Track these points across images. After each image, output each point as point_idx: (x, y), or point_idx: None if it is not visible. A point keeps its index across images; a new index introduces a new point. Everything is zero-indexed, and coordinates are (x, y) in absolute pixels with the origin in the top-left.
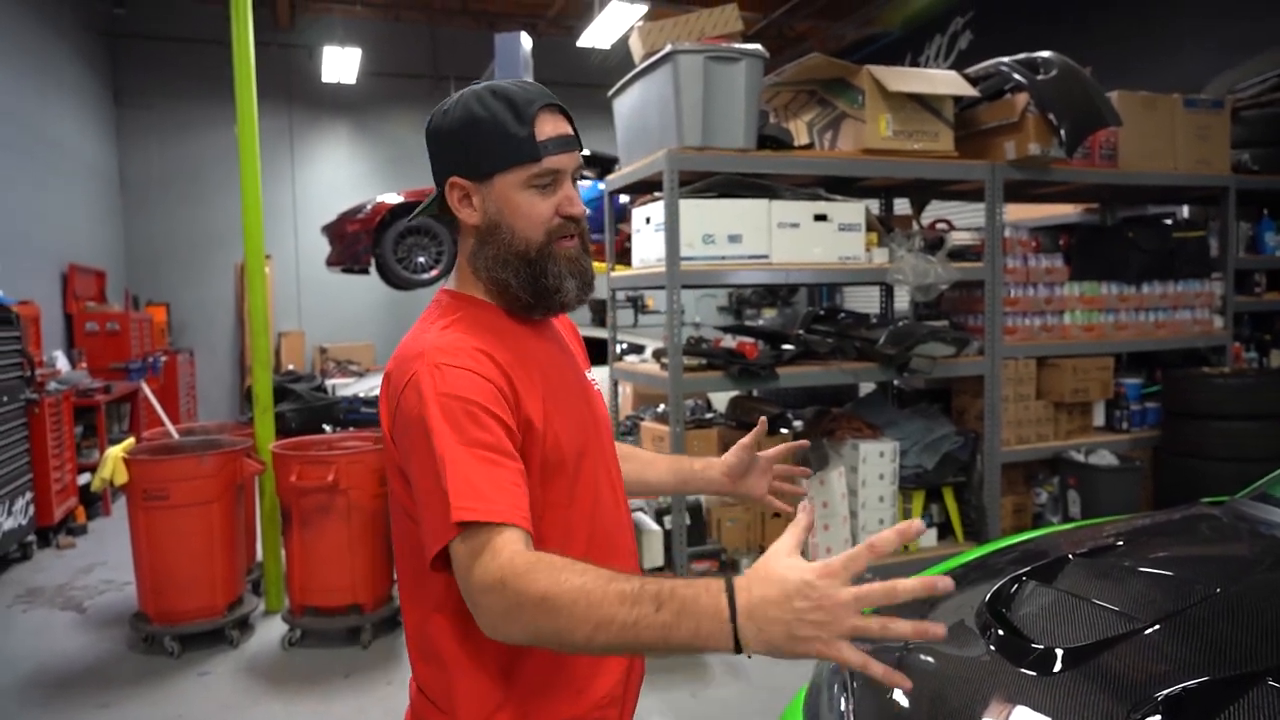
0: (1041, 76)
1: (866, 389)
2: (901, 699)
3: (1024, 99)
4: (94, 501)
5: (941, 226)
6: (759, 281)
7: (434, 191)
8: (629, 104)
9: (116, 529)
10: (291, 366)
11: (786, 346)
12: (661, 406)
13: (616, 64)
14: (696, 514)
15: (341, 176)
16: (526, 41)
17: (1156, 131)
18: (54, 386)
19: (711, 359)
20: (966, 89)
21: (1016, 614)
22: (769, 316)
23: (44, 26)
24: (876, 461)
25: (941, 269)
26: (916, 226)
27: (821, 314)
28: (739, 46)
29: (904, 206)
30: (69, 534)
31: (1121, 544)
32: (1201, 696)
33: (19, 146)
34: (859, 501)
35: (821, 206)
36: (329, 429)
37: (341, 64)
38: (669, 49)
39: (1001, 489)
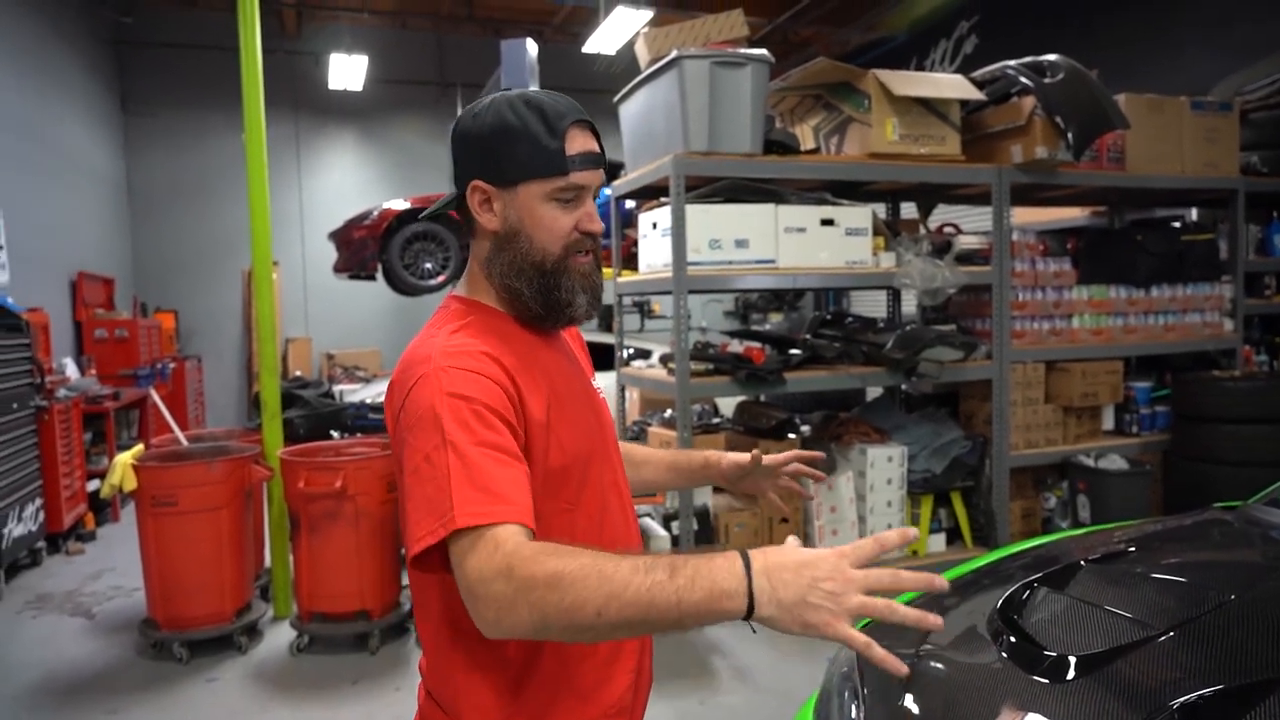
0: (1048, 80)
1: (874, 393)
2: (913, 706)
3: (1030, 102)
4: (103, 508)
5: (949, 230)
6: (766, 286)
7: (444, 196)
8: (635, 109)
9: (125, 535)
10: (299, 373)
11: (794, 351)
12: (669, 412)
13: (622, 70)
14: (704, 519)
15: (348, 183)
16: (532, 48)
17: (1164, 134)
18: (63, 393)
19: (718, 364)
20: (973, 92)
21: (1028, 621)
22: (775, 321)
23: (52, 35)
24: (884, 466)
25: (949, 273)
26: (923, 230)
27: (828, 318)
28: (744, 52)
29: (911, 210)
30: (78, 540)
31: (1133, 550)
32: (1216, 705)
33: (28, 156)
34: (867, 506)
35: (828, 211)
36: (337, 435)
37: (348, 71)
38: (674, 54)
39: (1010, 494)
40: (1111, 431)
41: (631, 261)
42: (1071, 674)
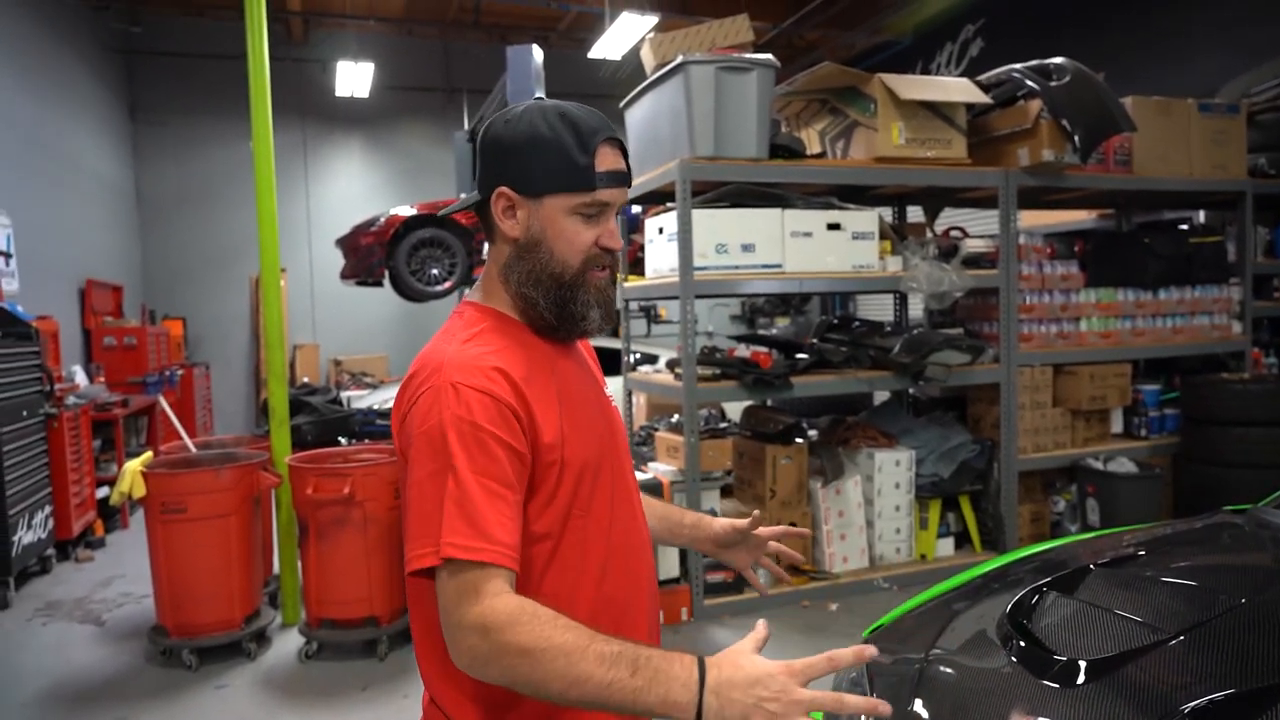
0: (1054, 83)
1: (881, 397)
2: (923, 711)
3: (1037, 105)
4: (112, 515)
5: (955, 234)
6: (772, 291)
7: (456, 199)
8: (641, 115)
9: (134, 542)
10: (306, 379)
11: (801, 355)
12: (676, 416)
13: (627, 75)
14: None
15: (355, 190)
16: (538, 54)
17: (1171, 136)
18: (73, 401)
19: (725, 369)
20: (979, 96)
21: (1038, 625)
22: (782, 325)
23: (61, 46)
24: (892, 470)
25: (955, 276)
26: (930, 234)
27: (835, 323)
28: (750, 56)
29: (917, 214)
30: (88, 547)
31: (1143, 553)
32: (1228, 709)
33: (37, 164)
34: (875, 511)
35: (834, 215)
36: (344, 441)
37: (355, 78)
38: (680, 60)
39: (1019, 497)
40: (1120, 435)
41: (638, 267)
42: (1081, 678)
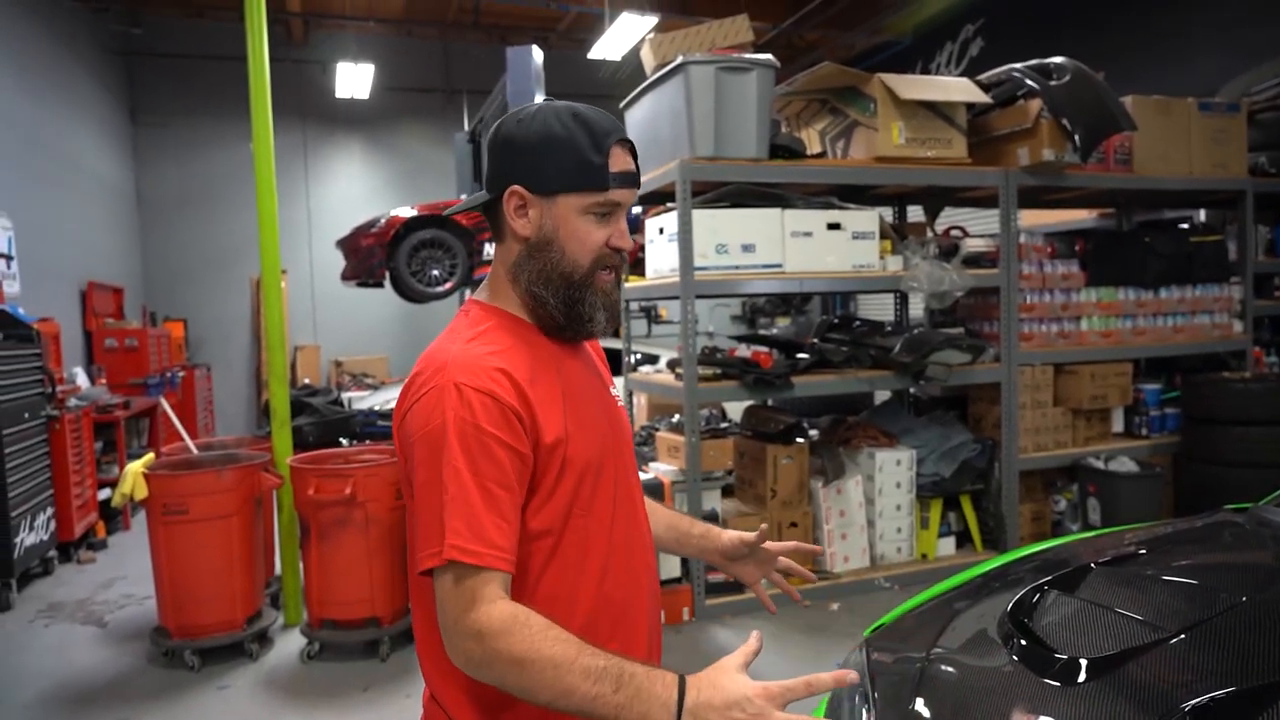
0: (1054, 82)
1: (882, 397)
2: (924, 710)
3: (1037, 105)
4: (114, 516)
5: (956, 233)
6: (773, 291)
7: (455, 202)
8: (641, 115)
9: (136, 544)
10: (307, 380)
11: (801, 355)
12: (676, 416)
13: (627, 76)
14: (712, 524)
15: (356, 191)
16: (538, 54)
17: (1171, 136)
18: (74, 403)
19: (726, 369)
20: (979, 95)
21: (1039, 624)
22: (783, 325)
23: (61, 48)
24: (893, 470)
25: (956, 276)
26: (930, 234)
27: (836, 322)
28: (750, 57)
29: (917, 214)
30: (89, 549)
31: (1144, 552)
32: (1229, 707)
33: (38, 167)
34: (876, 510)
35: (835, 215)
36: (346, 442)
37: (355, 79)
38: (680, 60)
39: (1020, 496)
40: (1121, 434)
41: (638, 267)
42: (1083, 677)
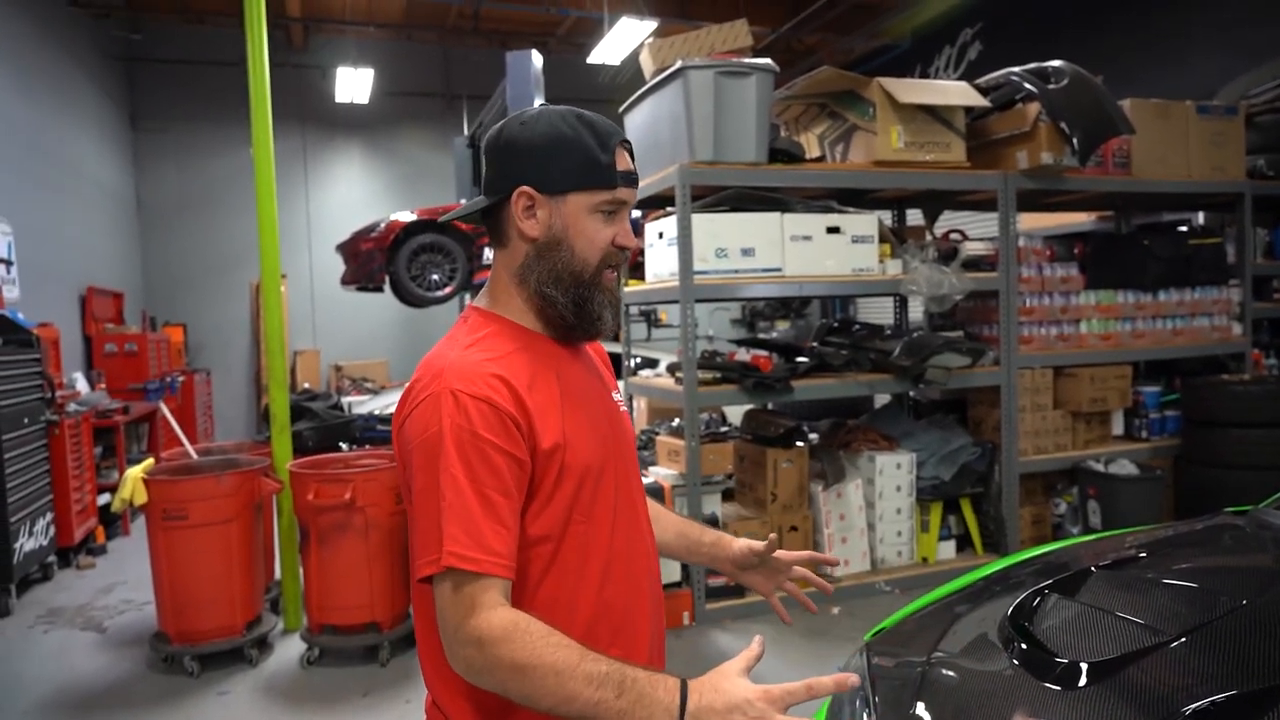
0: (1053, 86)
1: (882, 400)
2: (925, 714)
3: (1035, 108)
4: (114, 522)
5: (955, 237)
6: (772, 295)
7: (453, 206)
8: (640, 120)
9: (136, 549)
10: (307, 385)
11: (801, 359)
12: (676, 421)
13: (627, 80)
14: (713, 528)
15: (355, 195)
16: (537, 59)
17: (1170, 139)
18: (74, 408)
19: (726, 372)
20: (977, 99)
21: (1039, 627)
22: (782, 329)
23: (62, 54)
24: (893, 473)
25: (955, 279)
26: (930, 237)
27: (835, 326)
28: (749, 61)
29: (917, 217)
30: (89, 554)
31: (1144, 555)
32: (1230, 711)
33: (38, 172)
34: (876, 514)
35: (834, 219)
36: (346, 447)
37: (355, 84)
38: (679, 65)
39: (1020, 500)
40: (1121, 436)
41: (638, 271)
42: (1083, 681)
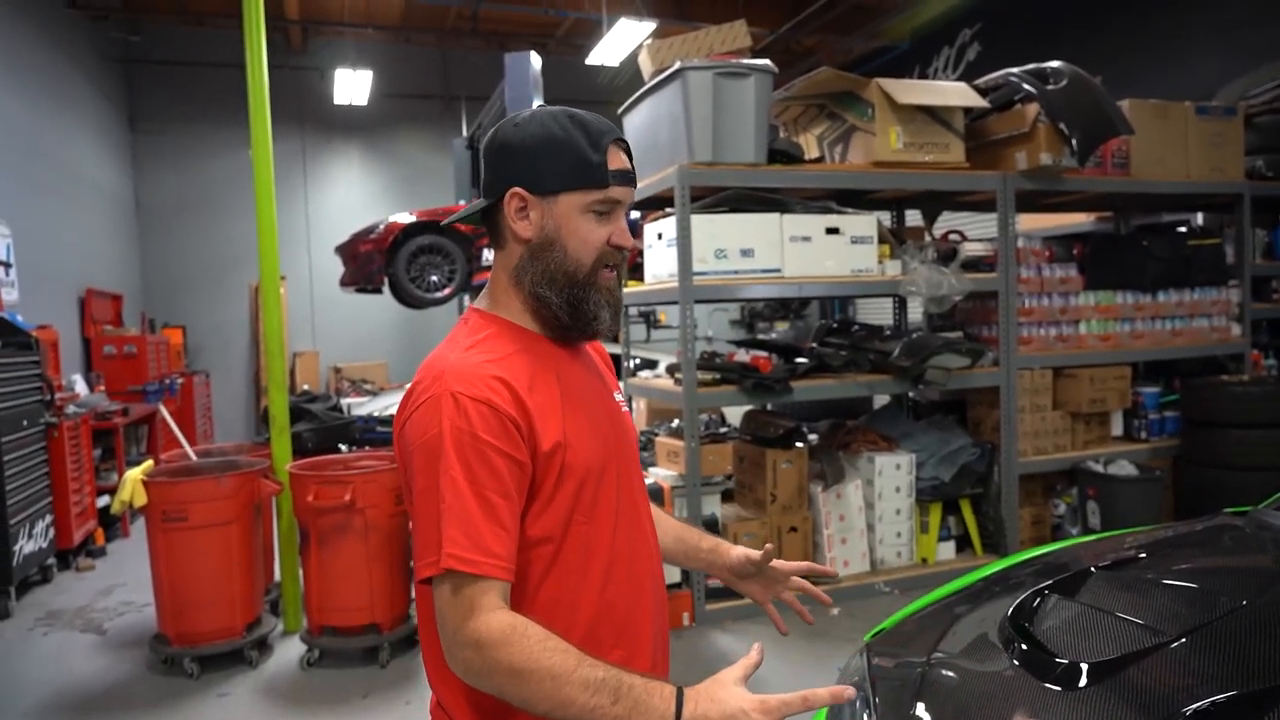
0: (1051, 86)
1: (881, 401)
2: (925, 715)
3: (1034, 109)
4: (113, 524)
5: (954, 237)
6: (771, 295)
7: (453, 208)
8: (639, 121)
9: (135, 551)
10: (306, 386)
11: (800, 360)
12: (676, 421)
13: (625, 81)
14: (712, 528)
15: (354, 197)
16: (536, 60)
17: (1169, 139)
18: (73, 410)
19: (725, 373)
20: (976, 100)
21: (1040, 628)
22: (781, 330)
23: (60, 55)
24: (893, 474)
25: (955, 280)
26: (929, 238)
27: (834, 327)
28: (748, 62)
29: (916, 218)
30: (88, 556)
31: (1144, 556)
32: (1230, 711)
33: (37, 174)
34: (876, 515)
35: (833, 220)
36: (345, 448)
37: (353, 86)
38: (678, 66)
39: (1019, 500)
40: (1120, 437)
41: (637, 272)
42: (1084, 681)
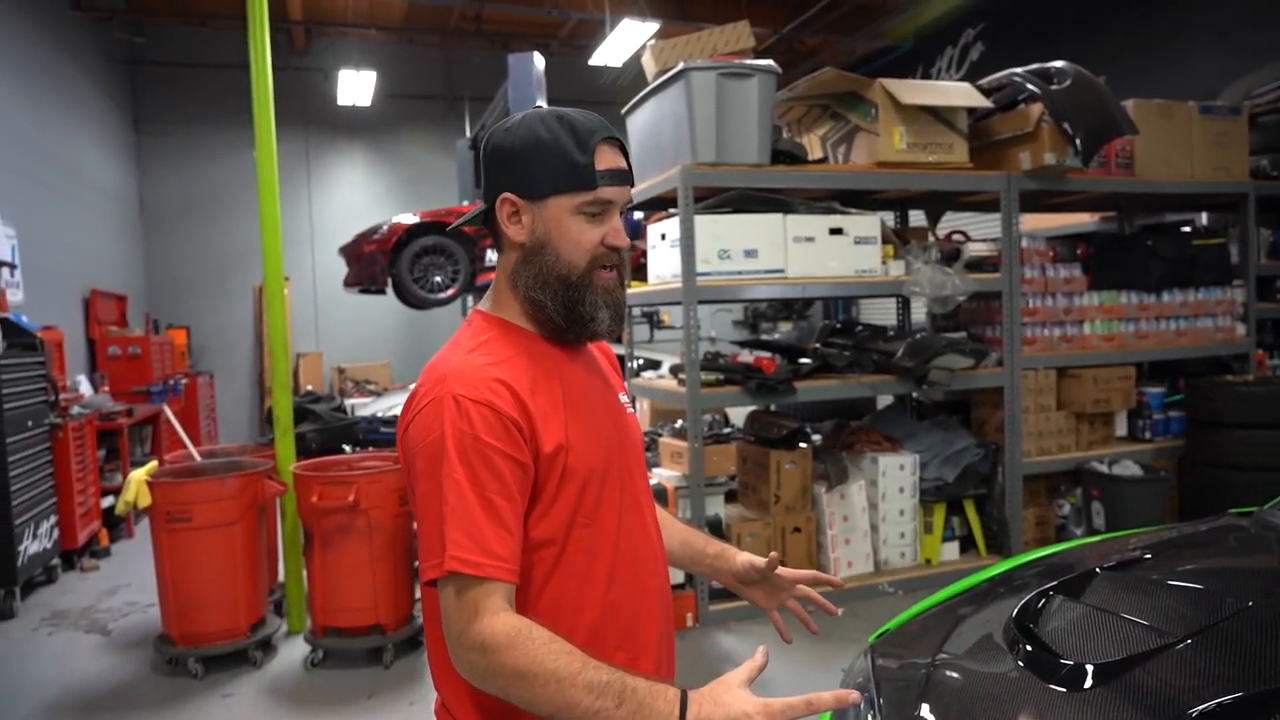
0: (1055, 86)
1: (885, 402)
2: (930, 716)
3: (1038, 109)
4: (117, 524)
5: (958, 238)
6: (775, 296)
7: (457, 208)
8: (642, 121)
9: (140, 551)
10: (310, 387)
11: (804, 360)
12: (679, 422)
13: (629, 82)
14: (716, 529)
15: (358, 198)
16: (539, 61)
17: (1173, 139)
18: (77, 410)
19: (729, 374)
20: (980, 100)
21: (1044, 629)
22: (785, 330)
23: (64, 57)
24: (897, 475)
25: (958, 280)
26: (932, 238)
27: (838, 327)
28: (751, 63)
29: (919, 218)
30: (93, 557)
31: (1149, 556)
32: (1236, 712)
33: (41, 176)
34: (879, 515)
35: (836, 220)
36: (349, 449)
37: (357, 86)
38: (681, 66)
39: (1024, 501)
40: (1125, 438)
41: (640, 273)
42: (1089, 682)
